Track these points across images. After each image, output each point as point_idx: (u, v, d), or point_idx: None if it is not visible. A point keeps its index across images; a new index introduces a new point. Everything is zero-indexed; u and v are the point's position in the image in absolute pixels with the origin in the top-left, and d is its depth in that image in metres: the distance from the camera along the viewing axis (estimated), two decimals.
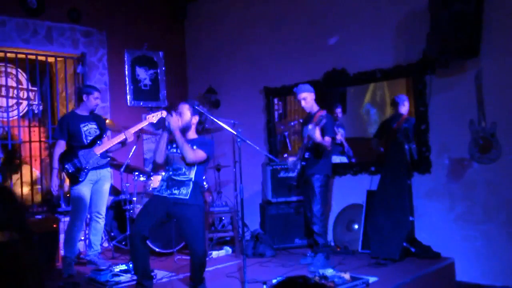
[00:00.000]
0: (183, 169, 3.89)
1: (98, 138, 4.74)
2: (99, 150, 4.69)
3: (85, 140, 4.68)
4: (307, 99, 4.74)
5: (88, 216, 4.91)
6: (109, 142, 4.76)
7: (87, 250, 4.85)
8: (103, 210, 4.83)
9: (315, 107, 4.80)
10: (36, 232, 5.06)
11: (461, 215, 4.70)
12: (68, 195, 5.27)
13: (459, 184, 4.72)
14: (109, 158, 4.94)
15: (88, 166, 4.63)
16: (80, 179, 4.60)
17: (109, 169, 4.91)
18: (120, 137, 4.73)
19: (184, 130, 3.95)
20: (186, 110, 3.96)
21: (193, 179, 3.88)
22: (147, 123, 4.73)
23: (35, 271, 1.31)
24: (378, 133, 5.52)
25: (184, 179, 3.87)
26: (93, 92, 4.77)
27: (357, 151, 5.73)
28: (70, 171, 4.61)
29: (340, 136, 5.61)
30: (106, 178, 4.83)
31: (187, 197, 3.83)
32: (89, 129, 4.74)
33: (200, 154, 3.88)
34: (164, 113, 4.72)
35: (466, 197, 4.68)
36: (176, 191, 3.85)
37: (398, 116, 5.28)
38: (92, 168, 4.66)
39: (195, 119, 4.02)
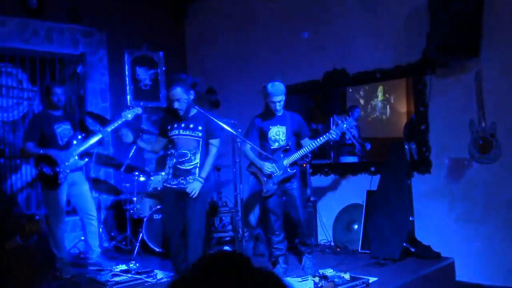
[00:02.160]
0: (189, 155, 3.91)
1: (73, 139, 4.57)
2: (76, 151, 4.52)
3: (60, 142, 4.53)
4: (282, 101, 4.36)
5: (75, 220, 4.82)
6: (85, 142, 4.58)
7: (89, 254, 4.75)
8: (93, 211, 4.70)
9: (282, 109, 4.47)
10: (36, 232, 5.06)
11: (461, 215, 4.70)
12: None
13: (459, 184, 4.72)
14: (87, 159, 4.86)
15: (66, 169, 4.46)
16: (59, 182, 4.42)
17: (82, 172, 4.77)
18: (97, 136, 4.59)
19: (188, 111, 3.96)
20: (182, 94, 3.89)
21: (198, 164, 3.92)
22: (123, 120, 4.62)
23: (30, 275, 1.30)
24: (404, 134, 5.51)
25: (190, 167, 3.91)
26: (50, 89, 4.59)
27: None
28: (48, 175, 4.42)
29: (349, 135, 5.65)
30: (81, 181, 4.69)
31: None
32: (64, 130, 4.59)
33: (217, 144, 4.02)
34: (139, 110, 4.73)
35: (466, 197, 4.67)
36: (183, 181, 3.92)
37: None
38: (71, 171, 4.51)
39: (192, 95, 3.98)
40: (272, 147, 4.38)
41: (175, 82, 3.92)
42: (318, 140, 4.30)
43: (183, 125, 3.95)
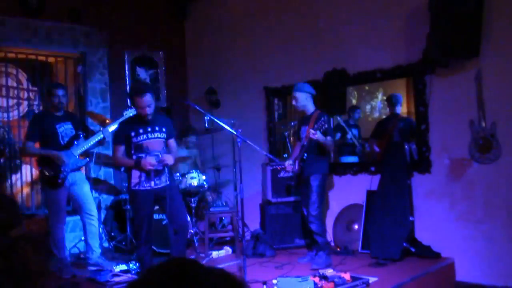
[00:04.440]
0: (160, 155, 4.02)
1: (74, 138, 4.59)
2: (77, 151, 4.54)
3: (61, 141, 4.53)
4: (298, 99, 4.68)
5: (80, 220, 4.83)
6: (87, 142, 4.59)
7: (89, 254, 4.76)
8: (93, 211, 4.71)
9: (311, 108, 4.73)
10: (36, 232, 5.06)
11: (461, 215, 4.70)
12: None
13: (459, 184, 4.72)
14: (87, 159, 4.84)
15: (67, 168, 4.47)
16: (60, 182, 4.44)
17: (83, 172, 4.78)
18: (98, 136, 4.60)
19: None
20: (152, 100, 4.00)
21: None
22: (123, 120, 4.61)
23: (41, 275, 1.29)
24: (374, 133, 5.52)
25: (162, 167, 4.02)
26: (52, 90, 4.59)
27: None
28: (49, 175, 4.44)
29: (351, 135, 5.66)
30: (82, 181, 4.70)
31: (168, 183, 4.07)
32: (65, 129, 4.59)
33: (175, 144, 4.25)
34: None
35: (466, 197, 4.67)
36: (158, 181, 4.02)
37: (394, 116, 5.29)
38: (71, 171, 4.52)
39: (154, 98, 4.07)
40: (304, 143, 4.70)
41: (145, 89, 4.02)
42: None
43: (149, 129, 4.03)
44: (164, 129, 4.08)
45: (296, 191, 5.08)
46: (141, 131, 3.99)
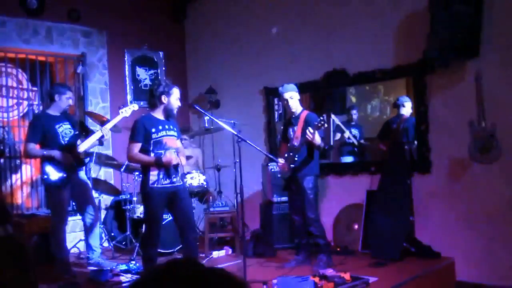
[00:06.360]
0: (175, 153, 4.05)
1: (74, 138, 4.60)
2: (78, 150, 4.54)
3: (62, 141, 4.53)
4: (294, 98, 4.63)
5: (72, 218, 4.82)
6: (87, 141, 4.59)
7: (89, 254, 4.76)
8: (94, 211, 4.72)
9: (299, 108, 4.69)
10: (36, 232, 5.06)
11: (461, 215, 4.70)
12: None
13: (459, 184, 4.72)
14: (88, 158, 4.86)
15: (72, 168, 4.49)
16: (65, 181, 4.45)
17: (83, 171, 4.79)
18: (97, 135, 4.60)
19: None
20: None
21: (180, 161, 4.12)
22: (120, 117, 4.64)
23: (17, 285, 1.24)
24: (380, 134, 5.53)
25: (177, 164, 4.05)
26: (66, 92, 4.59)
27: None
28: (58, 176, 4.43)
29: (348, 134, 5.67)
30: (83, 180, 4.71)
31: (181, 182, 4.12)
32: (65, 129, 4.59)
33: (181, 145, 4.31)
34: (135, 106, 4.74)
35: (466, 197, 4.67)
36: (175, 179, 4.01)
37: (399, 117, 5.30)
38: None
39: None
40: (294, 144, 4.61)
41: (171, 83, 4.07)
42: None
43: (166, 126, 4.05)
44: (175, 128, 4.13)
45: (287, 192, 4.89)
46: (160, 127, 3.99)
